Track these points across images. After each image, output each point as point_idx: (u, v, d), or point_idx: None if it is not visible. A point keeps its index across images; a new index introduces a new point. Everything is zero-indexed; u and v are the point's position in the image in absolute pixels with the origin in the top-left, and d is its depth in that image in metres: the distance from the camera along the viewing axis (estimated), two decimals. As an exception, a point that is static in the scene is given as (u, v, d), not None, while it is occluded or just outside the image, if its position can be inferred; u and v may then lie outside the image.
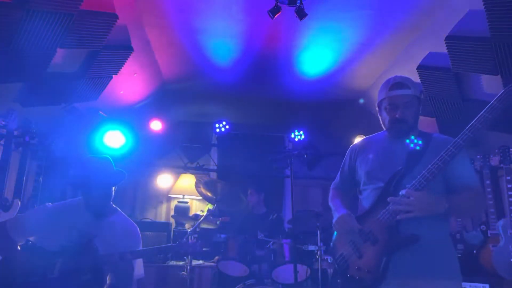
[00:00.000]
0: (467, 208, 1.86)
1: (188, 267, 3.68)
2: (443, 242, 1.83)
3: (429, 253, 1.75)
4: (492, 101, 1.65)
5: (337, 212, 2.04)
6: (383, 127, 2.07)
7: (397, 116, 1.92)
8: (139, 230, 2.57)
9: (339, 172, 2.26)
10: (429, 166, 1.73)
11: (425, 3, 3.08)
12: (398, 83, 1.95)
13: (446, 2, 3.01)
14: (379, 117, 2.07)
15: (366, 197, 1.99)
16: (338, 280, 3.71)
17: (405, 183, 1.79)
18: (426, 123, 3.84)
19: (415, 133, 1.96)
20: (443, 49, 3.24)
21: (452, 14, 3.03)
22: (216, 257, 4.21)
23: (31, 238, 2.29)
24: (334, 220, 2.04)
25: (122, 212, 2.58)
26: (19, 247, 2.24)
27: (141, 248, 2.51)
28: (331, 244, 2.09)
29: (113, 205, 2.53)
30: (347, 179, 2.19)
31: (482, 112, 1.66)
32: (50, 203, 2.46)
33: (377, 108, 2.08)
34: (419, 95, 1.98)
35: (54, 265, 2.17)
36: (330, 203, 2.20)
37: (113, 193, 2.45)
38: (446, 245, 1.84)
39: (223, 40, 3.80)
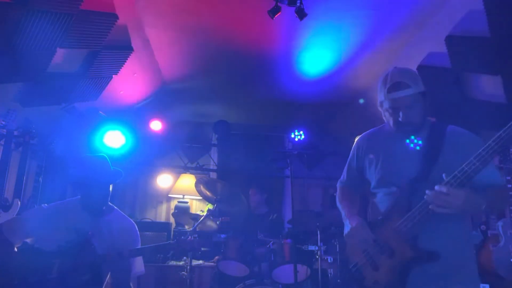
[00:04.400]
0: (498, 205, 1.77)
1: (188, 267, 3.68)
2: (465, 256, 1.71)
3: (449, 270, 1.64)
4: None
5: (348, 221, 1.91)
6: (389, 127, 1.91)
7: (400, 119, 1.76)
8: (137, 228, 2.57)
9: (345, 170, 2.12)
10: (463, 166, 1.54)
11: (425, 3, 3.08)
12: (396, 83, 1.77)
13: (446, 2, 3.01)
14: (383, 116, 1.92)
15: (380, 202, 1.87)
16: (339, 280, 3.71)
17: (422, 188, 1.62)
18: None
19: (425, 129, 1.83)
20: (443, 49, 3.24)
21: (452, 14, 3.03)
22: (216, 257, 4.21)
23: (28, 240, 2.29)
24: (345, 230, 1.93)
25: (119, 210, 2.58)
26: (16, 249, 2.23)
27: (139, 245, 2.52)
28: (342, 249, 2.04)
29: (110, 204, 2.53)
30: (355, 178, 2.05)
31: (501, 131, 1.50)
32: (46, 204, 2.47)
33: (379, 108, 1.92)
34: (422, 90, 1.79)
35: (53, 266, 2.17)
36: (338, 204, 2.07)
37: (110, 191, 2.46)
38: (468, 259, 1.72)
39: (223, 40, 3.80)
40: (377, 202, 1.89)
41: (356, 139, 2.15)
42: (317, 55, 4.04)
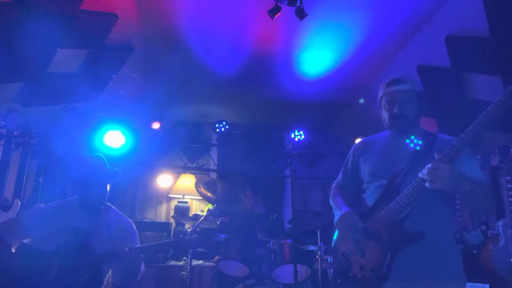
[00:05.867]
0: (481, 202, 1.77)
1: (188, 267, 3.67)
2: (447, 241, 1.81)
3: (433, 253, 1.72)
4: (500, 97, 1.61)
5: (339, 210, 2.01)
6: (385, 126, 2.04)
7: (395, 111, 1.91)
8: (134, 226, 2.58)
9: (341, 171, 2.24)
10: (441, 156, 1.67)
11: (425, 3, 3.08)
12: (395, 79, 1.95)
13: (446, 2, 3.01)
14: (381, 116, 2.04)
15: (370, 195, 1.97)
16: (339, 280, 3.72)
17: (409, 181, 1.76)
18: (426, 123, 3.84)
19: (418, 131, 1.94)
20: (443, 49, 3.24)
21: (452, 14, 3.04)
22: (216, 257, 4.21)
23: (26, 240, 2.28)
24: (336, 219, 2.00)
25: (117, 210, 2.59)
26: (14, 250, 2.23)
27: (138, 242, 2.52)
28: (332, 242, 2.06)
29: (108, 203, 2.54)
30: (350, 177, 2.16)
31: (489, 107, 1.62)
32: (43, 204, 2.48)
33: (378, 108, 2.06)
34: (417, 90, 1.96)
35: (51, 266, 2.17)
36: (331, 201, 2.17)
37: (108, 190, 2.46)
38: (450, 245, 1.82)
39: (223, 40, 3.80)
40: (368, 196, 1.98)
41: (354, 141, 2.22)
42: (317, 55, 4.04)
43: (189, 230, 3.95)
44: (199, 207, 5.93)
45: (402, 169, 1.83)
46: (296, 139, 5.20)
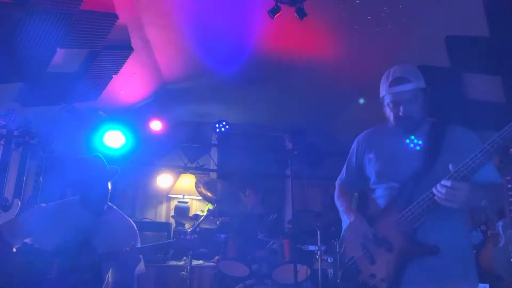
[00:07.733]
0: (495, 203, 1.78)
1: (188, 267, 3.68)
2: (463, 250, 1.72)
3: (447, 263, 1.65)
4: None
5: (347, 216, 1.94)
6: (389, 123, 1.92)
7: (400, 113, 1.79)
8: (135, 226, 2.58)
9: (344, 167, 2.14)
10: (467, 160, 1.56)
11: (425, 3, 3.08)
12: (398, 78, 1.82)
13: (446, 2, 3.01)
14: (385, 113, 1.94)
15: (379, 197, 1.88)
16: (338, 280, 3.71)
17: (423, 184, 1.68)
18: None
19: (425, 127, 1.85)
20: (443, 49, 3.24)
21: (452, 14, 3.03)
22: (216, 257, 4.21)
23: (27, 240, 2.29)
24: (344, 225, 1.95)
25: (118, 209, 2.59)
26: (15, 250, 2.23)
27: (139, 243, 2.53)
28: (339, 245, 2.01)
29: (109, 203, 2.54)
30: (354, 175, 2.07)
31: None
32: (44, 204, 2.48)
33: (381, 103, 1.95)
34: (423, 86, 1.83)
35: (52, 265, 2.18)
36: (337, 202, 2.09)
37: (109, 189, 2.47)
38: (465, 254, 1.73)
39: (223, 40, 3.80)
40: (377, 197, 1.91)
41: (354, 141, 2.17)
42: (317, 55, 4.03)
43: (189, 230, 3.95)
44: (199, 207, 5.93)
45: (415, 173, 1.75)
46: (296, 139, 5.20)
